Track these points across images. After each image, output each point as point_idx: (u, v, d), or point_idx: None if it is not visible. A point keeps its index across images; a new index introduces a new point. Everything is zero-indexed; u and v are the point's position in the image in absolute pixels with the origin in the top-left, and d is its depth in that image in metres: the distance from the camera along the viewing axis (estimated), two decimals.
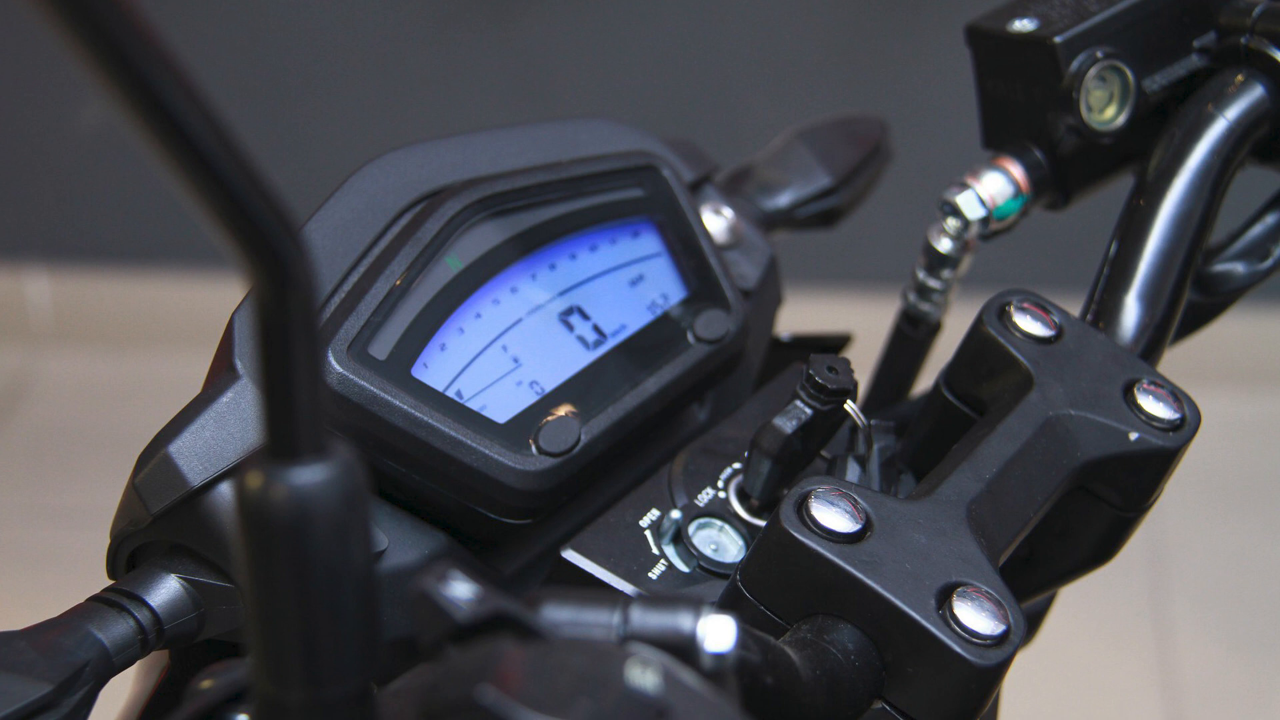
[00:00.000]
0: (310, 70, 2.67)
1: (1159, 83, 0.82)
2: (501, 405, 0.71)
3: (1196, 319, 0.85)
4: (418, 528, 0.70)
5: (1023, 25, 0.81)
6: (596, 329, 0.75)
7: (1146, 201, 0.78)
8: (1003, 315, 0.72)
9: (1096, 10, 0.81)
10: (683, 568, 0.71)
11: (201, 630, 0.67)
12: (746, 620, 0.59)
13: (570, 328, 0.75)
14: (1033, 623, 0.88)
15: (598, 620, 0.46)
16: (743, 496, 0.73)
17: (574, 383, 0.73)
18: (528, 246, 0.74)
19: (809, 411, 0.70)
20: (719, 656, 0.46)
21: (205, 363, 0.68)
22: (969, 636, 0.58)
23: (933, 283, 0.87)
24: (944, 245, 0.85)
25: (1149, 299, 0.76)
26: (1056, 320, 0.72)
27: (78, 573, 1.13)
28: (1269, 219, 0.85)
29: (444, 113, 2.65)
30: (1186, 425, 0.70)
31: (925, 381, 0.83)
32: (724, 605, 0.63)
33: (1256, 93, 0.80)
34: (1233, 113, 0.79)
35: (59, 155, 2.78)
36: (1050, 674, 1.93)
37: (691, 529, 0.72)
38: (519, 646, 0.43)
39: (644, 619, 0.46)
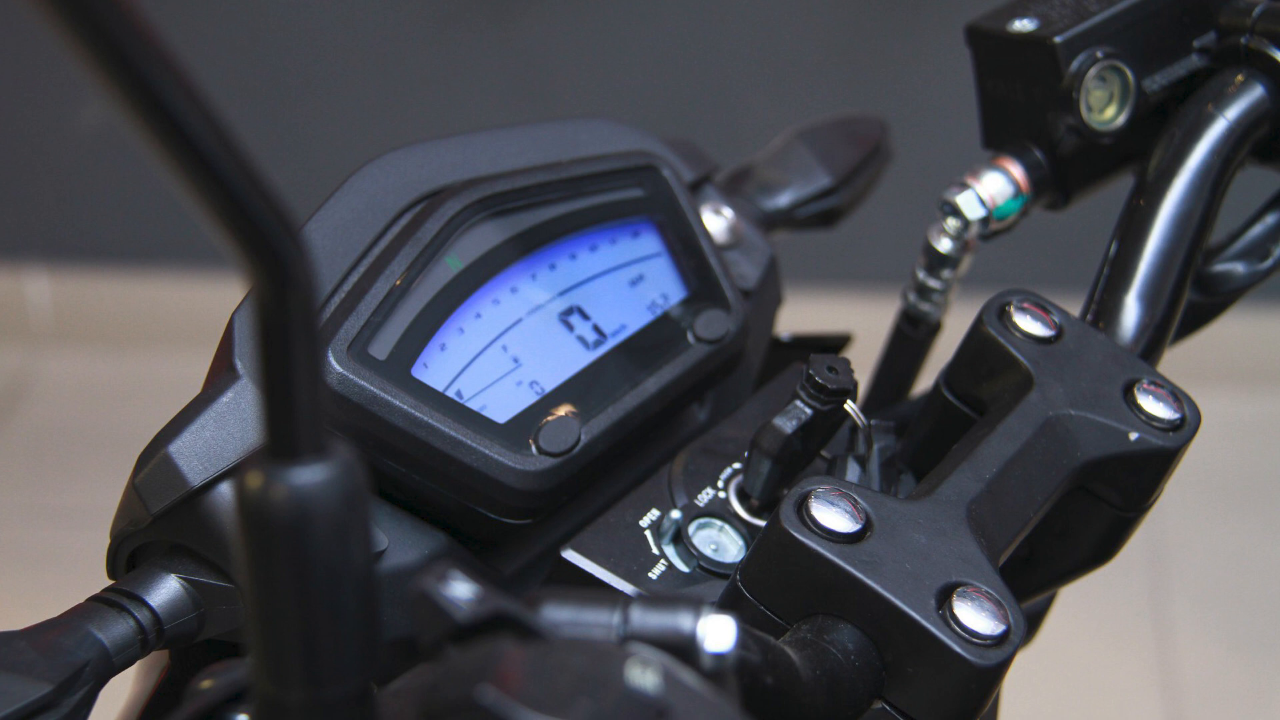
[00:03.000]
0: (310, 70, 2.67)
1: (1159, 83, 0.82)
2: (501, 405, 0.71)
3: (1196, 319, 0.85)
4: (418, 528, 0.70)
5: (1023, 25, 0.81)
6: (596, 329, 0.75)
7: (1146, 201, 0.78)
8: (1003, 315, 0.72)
9: (1096, 10, 0.81)
10: (683, 568, 0.71)
11: (201, 630, 0.67)
12: (746, 620, 0.59)
13: (570, 328, 0.75)
14: (1033, 623, 0.88)
15: (598, 620, 0.46)
16: (743, 496, 0.73)
17: (574, 383, 0.73)
18: (528, 246, 0.74)
19: (809, 411, 0.70)
20: (719, 656, 0.46)
21: (205, 363, 0.68)
22: (969, 636, 0.58)
23: (933, 283, 0.87)
24: (944, 245, 0.85)
25: (1149, 299, 0.76)
26: (1056, 320, 0.72)
27: (78, 573, 1.13)
28: (1269, 219, 0.85)
29: (444, 113, 2.65)
30: (1186, 425, 0.70)
31: (925, 381, 0.83)
32: (724, 605, 0.63)
33: (1256, 93, 0.80)
34: (1233, 113, 0.79)
35: (59, 155, 2.78)
36: (1050, 674, 1.93)
37: (691, 529, 0.72)
38: (519, 646, 0.43)
39: (644, 619, 0.46)
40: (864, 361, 0.83)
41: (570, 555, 0.70)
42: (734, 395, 0.83)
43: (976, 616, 0.59)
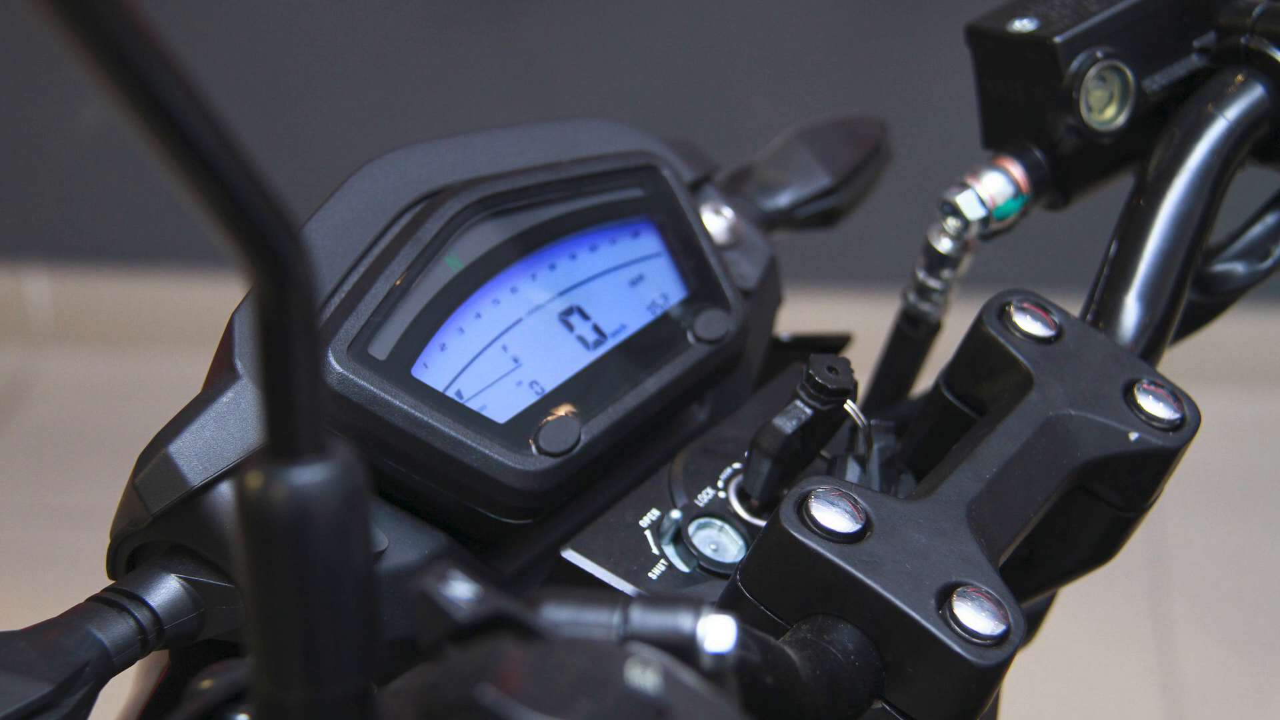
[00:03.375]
0: (310, 70, 2.67)
1: (1159, 83, 0.82)
2: (501, 405, 0.71)
3: (1196, 319, 0.85)
4: (418, 528, 0.70)
5: (1023, 25, 0.81)
6: (596, 329, 0.75)
7: (1146, 201, 0.78)
8: (1003, 315, 0.72)
9: (1096, 10, 0.81)
10: (683, 568, 0.71)
11: (201, 630, 0.67)
12: (746, 620, 0.59)
13: (570, 328, 0.75)
14: (1033, 623, 0.88)
15: (598, 620, 0.46)
16: (743, 496, 0.73)
17: (574, 383, 0.73)
18: (528, 246, 0.74)
19: (809, 411, 0.70)
20: (719, 656, 0.46)
21: (205, 363, 0.68)
22: (969, 636, 0.58)
23: (933, 283, 0.87)
24: (944, 245, 0.85)
25: (1149, 299, 0.76)
26: (1056, 320, 0.72)
27: (78, 573, 1.13)
28: (1269, 219, 0.85)
29: (444, 113, 2.65)
30: (1186, 425, 0.70)
31: (925, 381, 0.83)
32: (724, 605, 0.63)
33: (1256, 93, 0.80)
34: (1233, 113, 0.79)
35: (59, 155, 2.78)
36: (1050, 674, 1.93)
37: (691, 529, 0.72)
38: (519, 646, 0.43)
39: (644, 619, 0.46)
40: (864, 361, 0.83)
41: (570, 555, 0.70)
42: (734, 395, 0.83)
43: (976, 616, 0.59)
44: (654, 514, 0.72)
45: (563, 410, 0.72)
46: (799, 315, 1.04)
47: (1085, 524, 0.72)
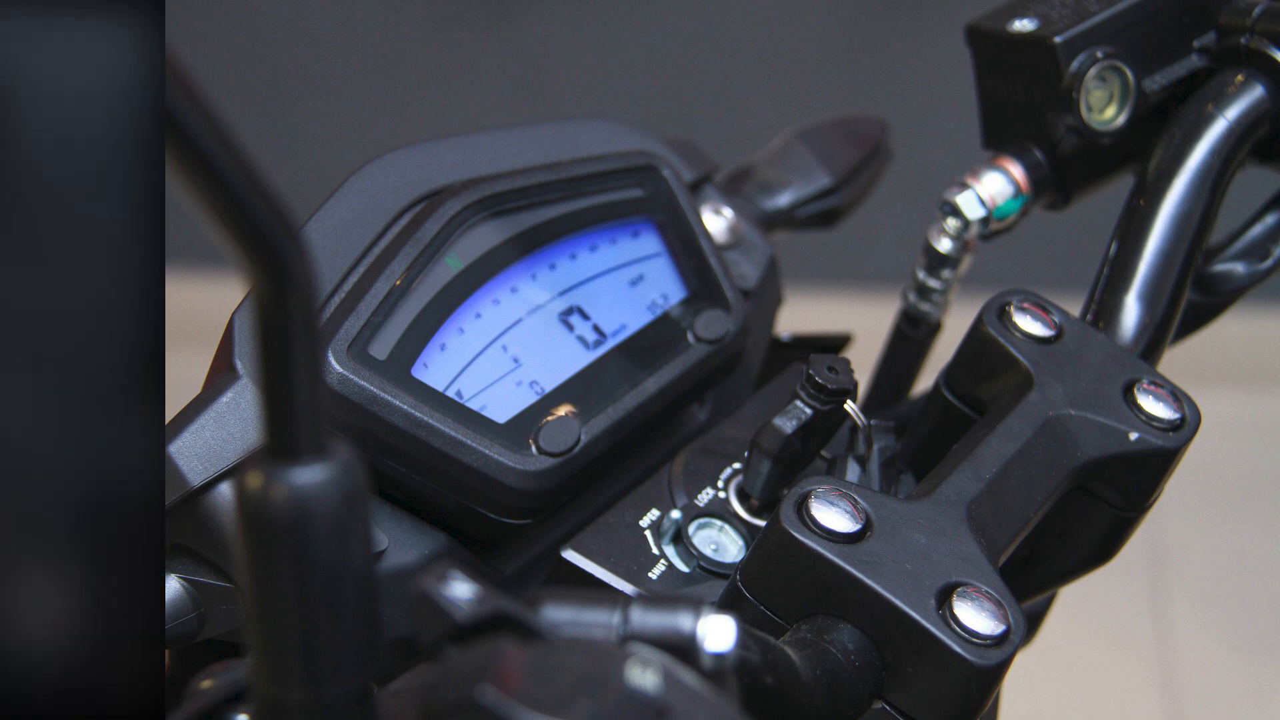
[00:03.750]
0: (310, 70, 2.67)
1: (1159, 83, 0.82)
2: (501, 405, 0.71)
3: (1196, 319, 0.85)
4: (418, 528, 0.70)
5: (1023, 25, 0.81)
6: (596, 329, 0.75)
7: (1146, 201, 0.78)
8: (1003, 315, 0.72)
9: (1096, 10, 0.81)
10: (683, 568, 0.71)
11: (201, 630, 0.67)
12: (746, 620, 0.59)
13: (570, 328, 0.75)
14: (1033, 623, 0.88)
15: (598, 620, 0.46)
16: (743, 496, 0.73)
17: (574, 383, 0.73)
18: (528, 246, 0.74)
19: (809, 411, 0.70)
20: (719, 656, 0.46)
21: (205, 363, 0.68)
22: (969, 636, 0.59)
23: (933, 283, 0.87)
24: (944, 245, 0.85)
25: (1149, 299, 0.76)
26: (1056, 320, 0.72)
27: None
28: (1269, 219, 0.85)
29: (444, 113, 2.65)
30: (1186, 425, 0.70)
31: (925, 381, 0.83)
32: (724, 605, 0.63)
33: (1256, 93, 0.80)
34: (1233, 113, 0.79)
35: None
36: (1050, 674, 1.93)
37: (691, 529, 0.72)
38: (519, 646, 0.43)
39: (644, 619, 0.46)
40: (864, 361, 0.83)
41: (570, 555, 0.70)
42: (734, 395, 0.83)
43: (976, 616, 0.59)
44: (654, 514, 0.72)
45: (563, 410, 0.72)
46: (799, 315, 1.04)
47: (1085, 524, 0.72)
